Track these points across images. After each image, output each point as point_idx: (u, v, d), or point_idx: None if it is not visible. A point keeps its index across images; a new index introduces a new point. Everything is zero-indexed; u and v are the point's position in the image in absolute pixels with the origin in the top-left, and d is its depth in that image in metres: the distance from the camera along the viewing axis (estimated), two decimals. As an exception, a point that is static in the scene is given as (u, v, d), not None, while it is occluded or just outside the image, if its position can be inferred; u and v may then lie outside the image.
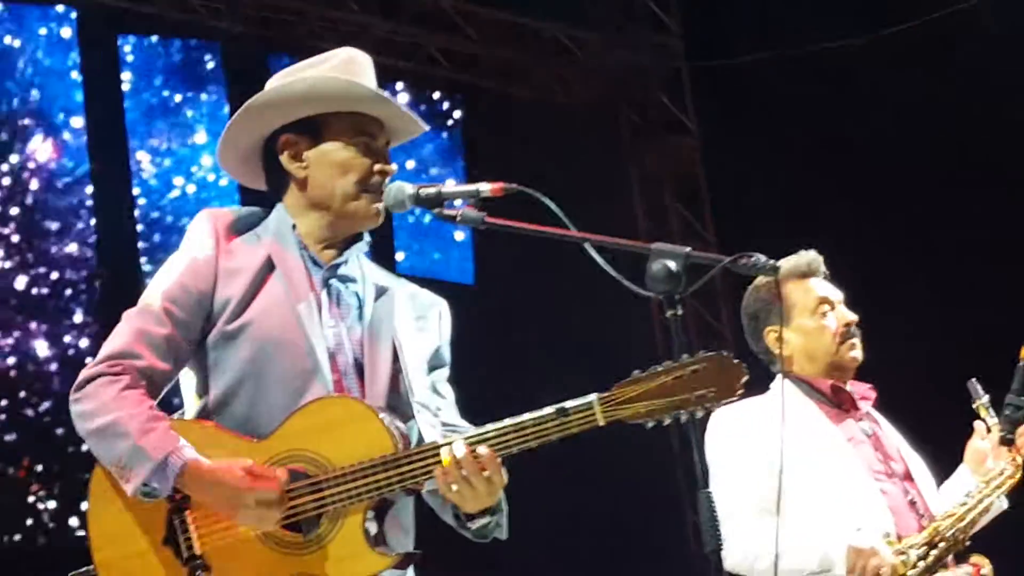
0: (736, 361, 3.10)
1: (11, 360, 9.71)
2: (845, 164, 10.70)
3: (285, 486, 3.16)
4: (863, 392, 4.67)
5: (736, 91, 11.17)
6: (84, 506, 3.30)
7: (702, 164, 11.89)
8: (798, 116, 10.60)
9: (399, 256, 11.31)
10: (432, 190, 3.29)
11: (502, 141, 11.13)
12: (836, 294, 4.69)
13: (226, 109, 10.54)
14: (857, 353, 4.62)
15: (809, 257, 4.70)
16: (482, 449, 3.13)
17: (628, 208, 11.79)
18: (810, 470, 4.39)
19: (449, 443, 3.16)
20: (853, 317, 4.64)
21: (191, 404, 3.39)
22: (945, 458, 4.75)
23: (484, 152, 11.63)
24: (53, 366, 9.83)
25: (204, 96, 10.78)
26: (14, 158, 9.94)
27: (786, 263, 4.53)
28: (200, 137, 10.65)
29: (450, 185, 3.28)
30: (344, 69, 3.41)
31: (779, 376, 4.52)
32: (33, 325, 9.85)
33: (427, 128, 3.57)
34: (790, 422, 4.32)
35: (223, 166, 3.58)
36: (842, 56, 10.39)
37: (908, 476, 4.55)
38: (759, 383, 4.23)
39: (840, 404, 4.61)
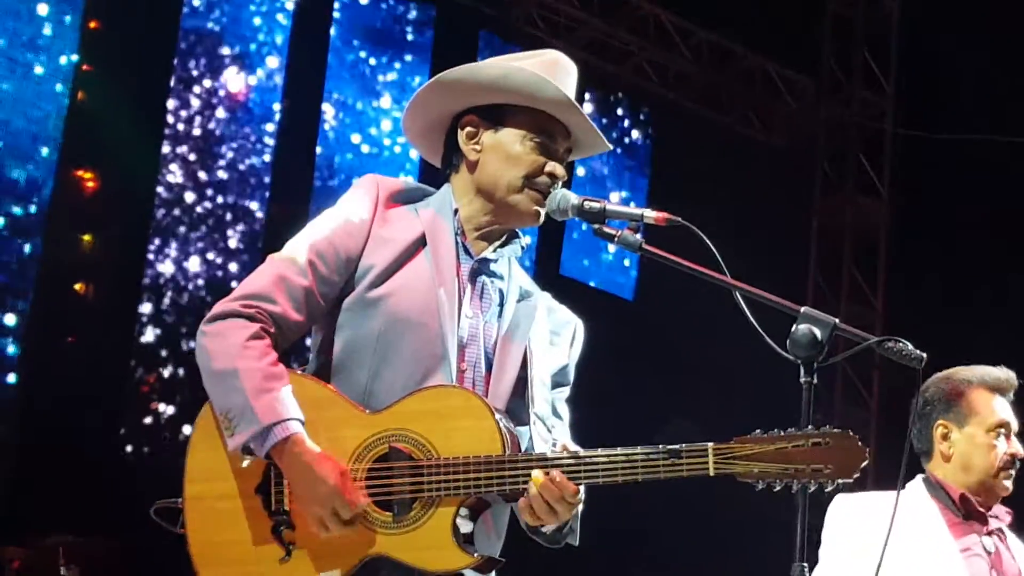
0: (860, 444, 3.04)
1: (166, 267, 10.16)
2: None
3: (363, 509, 3.14)
4: (998, 512, 4.63)
5: (940, 166, 10.91)
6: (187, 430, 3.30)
7: (887, 231, 11.69)
8: (1002, 207, 10.31)
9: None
10: (597, 205, 3.26)
11: (693, 165, 11.07)
12: (1015, 423, 4.67)
13: (417, 80, 10.69)
14: (1009, 484, 4.61)
15: (1007, 375, 4.71)
16: (557, 476, 3.08)
17: (803, 259, 11.66)
18: (906, 573, 4.35)
19: (550, 460, 3.12)
20: (1020, 451, 4.62)
21: (311, 358, 3.39)
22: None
23: (672, 172, 11.56)
24: (200, 282, 10.24)
25: (398, 64, 10.99)
26: (207, 82, 10.31)
27: (983, 371, 4.65)
28: (385, 101, 10.90)
29: (615, 204, 3.25)
30: (546, 68, 3.38)
31: (919, 477, 4.62)
32: (192, 239, 10.30)
33: (610, 147, 3.54)
34: (908, 524, 4.38)
35: (405, 131, 3.58)
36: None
37: None
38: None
39: (967, 515, 4.57)
